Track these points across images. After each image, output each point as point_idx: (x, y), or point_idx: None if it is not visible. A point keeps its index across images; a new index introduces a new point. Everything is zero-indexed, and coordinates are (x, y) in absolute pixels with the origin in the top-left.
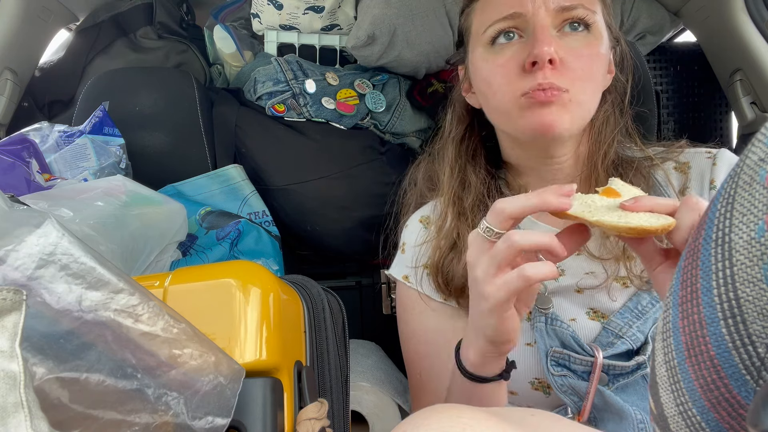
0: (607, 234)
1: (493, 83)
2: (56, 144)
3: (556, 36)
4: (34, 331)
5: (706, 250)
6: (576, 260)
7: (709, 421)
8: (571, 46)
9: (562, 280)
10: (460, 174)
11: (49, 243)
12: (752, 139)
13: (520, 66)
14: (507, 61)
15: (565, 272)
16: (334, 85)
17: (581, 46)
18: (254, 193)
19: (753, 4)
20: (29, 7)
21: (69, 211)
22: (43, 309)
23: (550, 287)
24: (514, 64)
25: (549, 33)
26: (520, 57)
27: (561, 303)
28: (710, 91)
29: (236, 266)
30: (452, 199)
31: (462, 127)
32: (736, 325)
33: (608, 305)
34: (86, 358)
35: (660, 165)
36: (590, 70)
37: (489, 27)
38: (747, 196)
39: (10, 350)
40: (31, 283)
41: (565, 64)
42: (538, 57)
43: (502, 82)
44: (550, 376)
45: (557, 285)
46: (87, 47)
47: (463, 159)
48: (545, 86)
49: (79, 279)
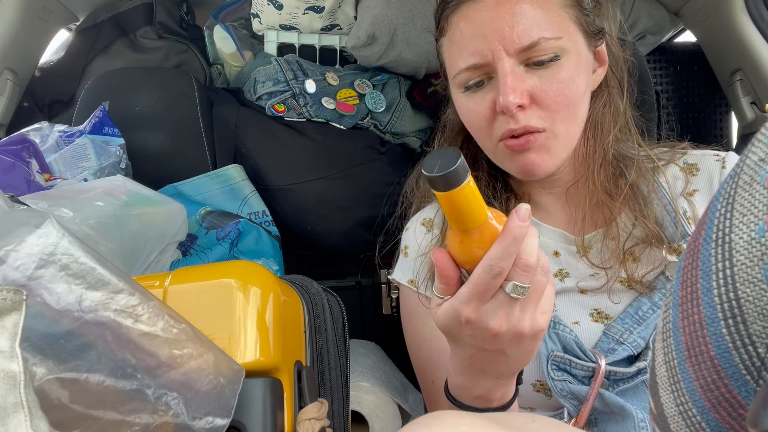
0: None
1: (472, 125)
2: (56, 144)
3: (524, 72)
4: (34, 331)
5: (706, 250)
6: (579, 262)
7: (710, 421)
8: (541, 79)
9: (566, 281)
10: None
11: (49, 243)
12: (752, 139)
13: (491, 107)
14: (480, 105)
15: (569, 273)
16: (334, 85)
17: (552, 76)
18: (254, 193)
19: (753, 4)
20: (29, 7)
21: (69, 211)
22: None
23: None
24: (486, 107)
25: (514, 78)
26: (489, 99)
27: (564, 304)
28: (710, 91)
29: (236, 266)
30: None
31: (460, 138)
32: (737, 326)
33: (612, 306)
34: (86, 358)
35: (663, 166)
36: (566, 98)
37: (457, 74)
38: (747, 197)
39: (10, 350)
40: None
41: (537, 101)
42: (504, 108)
43: (479, 126)
44: (550, 380)
45: (562, 286)
46: (87, 47)
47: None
48: (518, 131)
49: (79, 279)
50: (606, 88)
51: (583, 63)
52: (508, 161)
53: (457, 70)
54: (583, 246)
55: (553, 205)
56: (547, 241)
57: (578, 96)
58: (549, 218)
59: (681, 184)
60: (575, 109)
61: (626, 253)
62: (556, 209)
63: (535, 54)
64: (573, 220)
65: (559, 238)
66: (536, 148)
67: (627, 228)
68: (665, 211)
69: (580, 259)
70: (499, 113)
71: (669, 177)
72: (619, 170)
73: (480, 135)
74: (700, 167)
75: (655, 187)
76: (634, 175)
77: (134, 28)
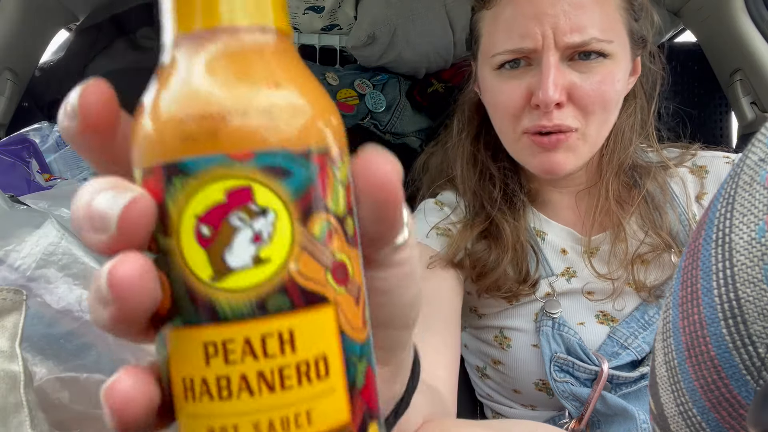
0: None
1: (497, 109)
2: (56, 144)
3: (567, 67)
4: (35, 331)
5: (707, 250)
6: (587, 266)
7: (710, 421)
8: (583, 75)
9: (573, 281)
10: (479, 167)
11: (49, 243)
12: (752, 139)
13: (525, 96)
14: (513, 91)
15: (576, 273)
16: (334, 85)
17: (594, 75)
18: None
19: (753, 4)
20: (29, 8)
21: (69, 211)
22: (44, 309)
23: (559, 290)
24: (518, 94)
25: (557, 73)
26: (525, 86)
27: (570, 305)
28: (710, 91)
29: None
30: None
31: (474, 124)
32: (737, 326)
33: (618, 309)
34: (86, 358)
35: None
36: (603, 100)
37: (497, 54)
38: (747, 197)
39: (10, 350)
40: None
41: (574, 99)
42: (542, 102)
43: (506, 113)
44: (552, 381)
45: (569, 287)
46: (87, 47)
47: (482, 153)
48: (550, 129)
49: (79, 279)
50: (634, 99)
51: (624, 69)
52: (529, 156)
53: (499, 50)
54: (590, 248)
55: (561, 204)
56: (555, 239)
57: (615, 100)
58: (557, 217)
59: (692, 188)
60: (609, 113)
61: (635, 257)
62: (565, 209)
63: (582, 50)
64: (581, 222)
65: (567, 237)
66: (565, 147)
67: (636, 235)
68: (680, 221)
69: (587, 264)
70: (533, 106)
71: (681, 181)
72: (633, 180)
73: (504, 122)
74: (709, 169)
75: (669, 197)
76: (648, 185)
77: (134, 28)
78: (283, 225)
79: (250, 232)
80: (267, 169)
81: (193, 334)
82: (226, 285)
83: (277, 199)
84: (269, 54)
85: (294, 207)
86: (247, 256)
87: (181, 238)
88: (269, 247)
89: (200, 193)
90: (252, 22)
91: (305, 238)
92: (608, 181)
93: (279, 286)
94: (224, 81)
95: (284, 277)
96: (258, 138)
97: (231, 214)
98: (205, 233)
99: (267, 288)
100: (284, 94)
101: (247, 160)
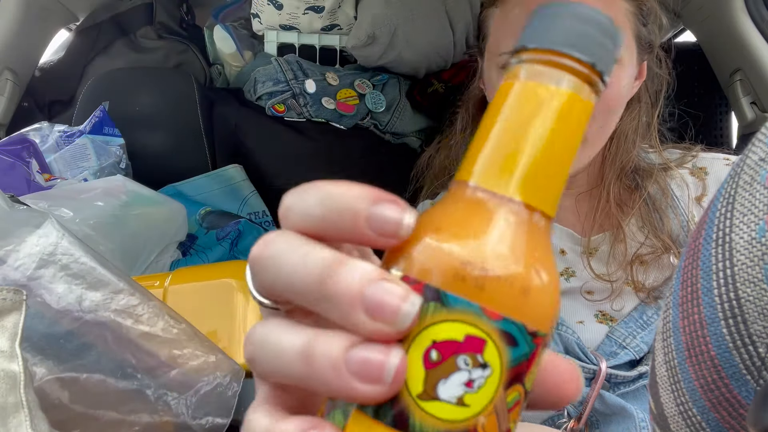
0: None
1: None
2: (56, 144)
3: None
4: (35, 331)
5: (707, 250)
6: (586, 266)
7: (710, 421)
8: None
9: (572, 280)
10: None
11: (49, 243)
12: (752, 139)
13: None
14: None
15: (575, 273)
16: (334, 85)
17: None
18: (254, 193)
19: (753, 4)
20: (29, 7)
21: (69, 211)
22: (43, 309)
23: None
24: None
25: None
26: None
27: (569, 304)
28: (710, 91)
29: (236, 266)
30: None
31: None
32: (737, 325)
33: (617, 309)
34: (86, 358)
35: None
36: (606, 104)
37: (503, 53)
38: (747, 196)
39: (10, 350)
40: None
41: None
42: None
43: None
44: None
45: (567, 286)
46: (87, 47)
47: None
48: None
49: (79, 279)
50: (638, 103)
51: (629, 74)
52: None
53: (506, 49)
54: (589, 248)
55: (562, 206)
56: (554, 240)
57: (618, 104)
58: (557, 218)
59: (693, 190)
60: (611, 117)
61: (634, 258)
62: (565, 210)
63: None
64: (581, 223)
65: (567, 238)
66: None
67: (635, 236)
68: (680, 223)
69: (585, 265)
70: None
71: (682, 183)
72: (634, 182)
73: None
74: (709, 171)
75: (670, 199)
76: (649, 188)
77: (134, 28)
78: (492, 383)
79: (466, 375)
80: (504, 333)
81: (376, 429)
82: (427, 408)
83: (498, 361)
84: (546, 238)
85: (506, 373)
86: (455, 393)
87: (411, 348)
88: (474, 396)
89: (446, 324)
90: (544, 209)
91: (500, 402)
92: (610, 184)
93: (464, 430)
94: (517, 252)
95: (471, 425)
96: (511, 307)
97: (460, 355)
98: (432, 357)
99: (456, 427)
100: (545, 279)
101: (494, 319)
